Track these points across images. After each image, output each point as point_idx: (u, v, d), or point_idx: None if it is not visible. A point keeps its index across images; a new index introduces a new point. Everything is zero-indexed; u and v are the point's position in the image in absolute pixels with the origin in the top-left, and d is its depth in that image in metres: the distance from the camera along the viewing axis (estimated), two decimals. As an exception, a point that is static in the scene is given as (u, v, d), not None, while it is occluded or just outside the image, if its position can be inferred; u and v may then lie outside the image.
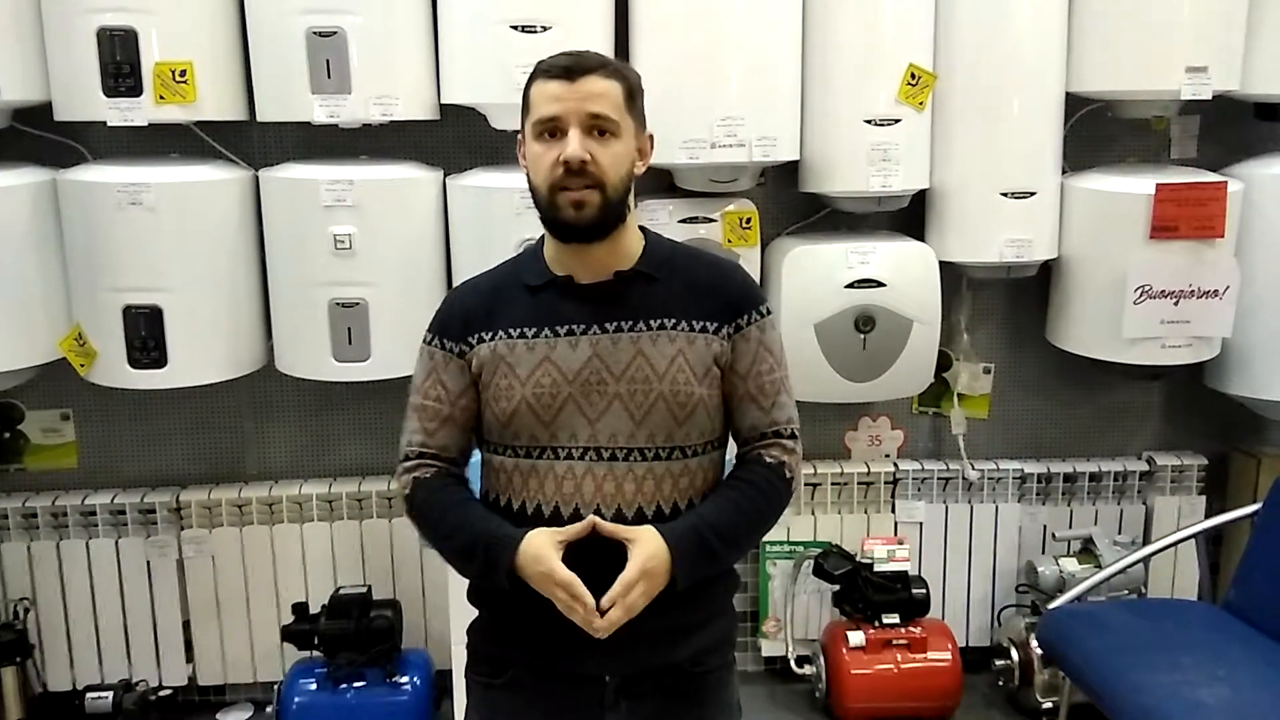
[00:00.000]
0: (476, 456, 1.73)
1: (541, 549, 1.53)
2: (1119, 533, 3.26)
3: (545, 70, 1.58)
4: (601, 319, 1.60)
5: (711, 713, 1.72)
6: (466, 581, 1.72)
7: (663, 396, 1.59)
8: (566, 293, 1.62)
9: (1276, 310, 2.94)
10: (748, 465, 1.67)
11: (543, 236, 1.67)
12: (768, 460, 1.66)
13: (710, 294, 1.64)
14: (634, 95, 1.61)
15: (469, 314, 1.66)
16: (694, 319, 1.62)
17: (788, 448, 1.68)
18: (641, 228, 1.70)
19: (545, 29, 2.60)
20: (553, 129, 1.55)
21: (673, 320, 1.61)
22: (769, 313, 1.68)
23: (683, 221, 2.86)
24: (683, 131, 2.67)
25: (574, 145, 1.53)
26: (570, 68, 1.55)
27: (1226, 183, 2.86)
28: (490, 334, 1.63)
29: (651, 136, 1.66)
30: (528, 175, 1.61)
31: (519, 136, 1.63)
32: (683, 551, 1.55)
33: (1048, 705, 3.02)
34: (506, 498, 1.65)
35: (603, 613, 1.51)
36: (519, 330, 1.61)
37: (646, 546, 1.53)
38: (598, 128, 1.55)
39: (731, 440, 1.72)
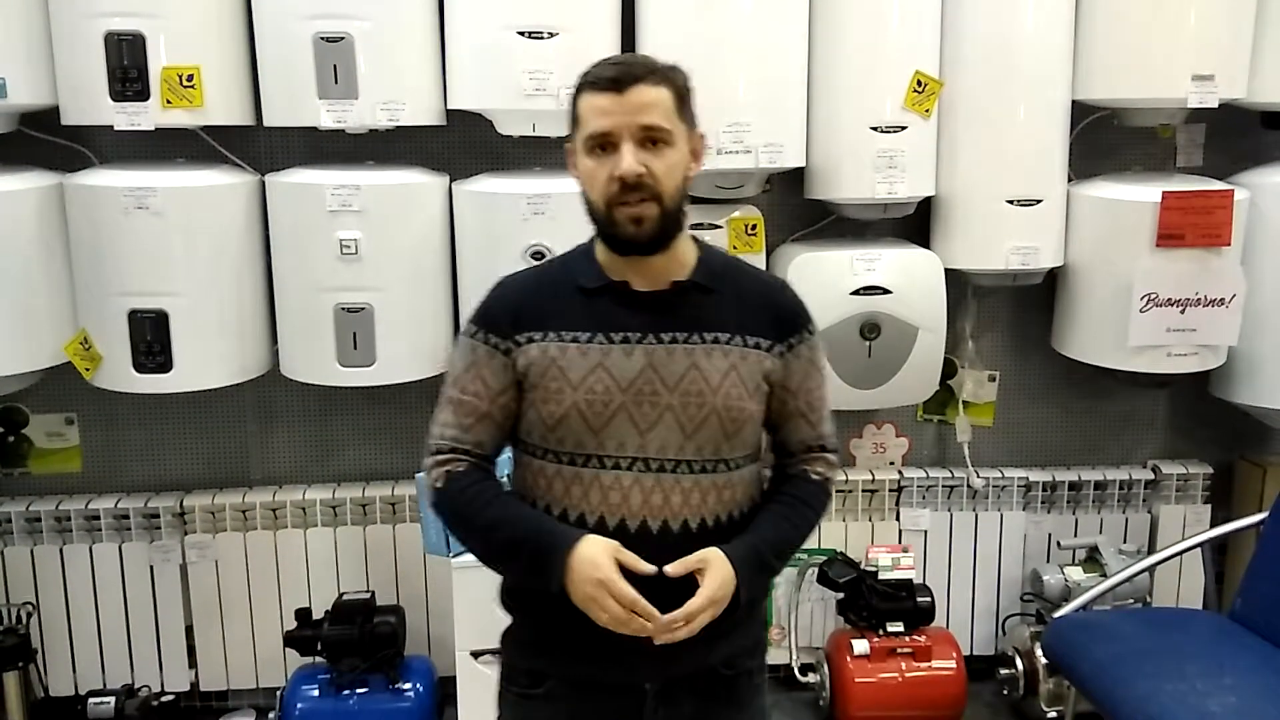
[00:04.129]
0: (505, 453, 1.71)
1: (600, 555, 1.50)
2: (1124, 541, 3.25)
3: (592, 82, 1.55)
4: (657, 329, 1.58)
5: (746, 715, 1.72)
6: (473, 588, 1.71)
7: (716, 411, 1.58)
8: (622, 299, 1.60)
9: (1283, 319, 2.93)
10: (797, 481, 1.70)
11: (593, 236, 1.64)
12: (814, 476, 1.70)
13: (763, 310, 1.64)
14: (684, 98, 1.58)
15: (519, 310, 1.62)
16: (747, 334, 1.61)
17: (831, 462, 1.72)
18: (694, 237, 1.68)
19: (552, 35, 2.60)
20: (604, 143, 1.53)
21: (727, 334, 1.60)
22: (815, 332, 1.70)
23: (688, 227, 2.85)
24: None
25: (628, 160, 1.50)
26: (617, 79, 1.52)
27: (1233, 191, 2.86)
28: (541, 333, 1.59)
29: (703, 136, 1.63)
30: (582, 189, 1.59)
31: (567, 147, 1.61)
32: (747, 573, 1.55)
33: (1052, 715, 3.00)
34: (545, 503, 1.61)
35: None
36: (572, 333, 1.58)
37: (718, 574, 1.52)
38: (650, 138, 1.52)
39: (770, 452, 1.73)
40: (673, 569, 1.51)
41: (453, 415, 1.63)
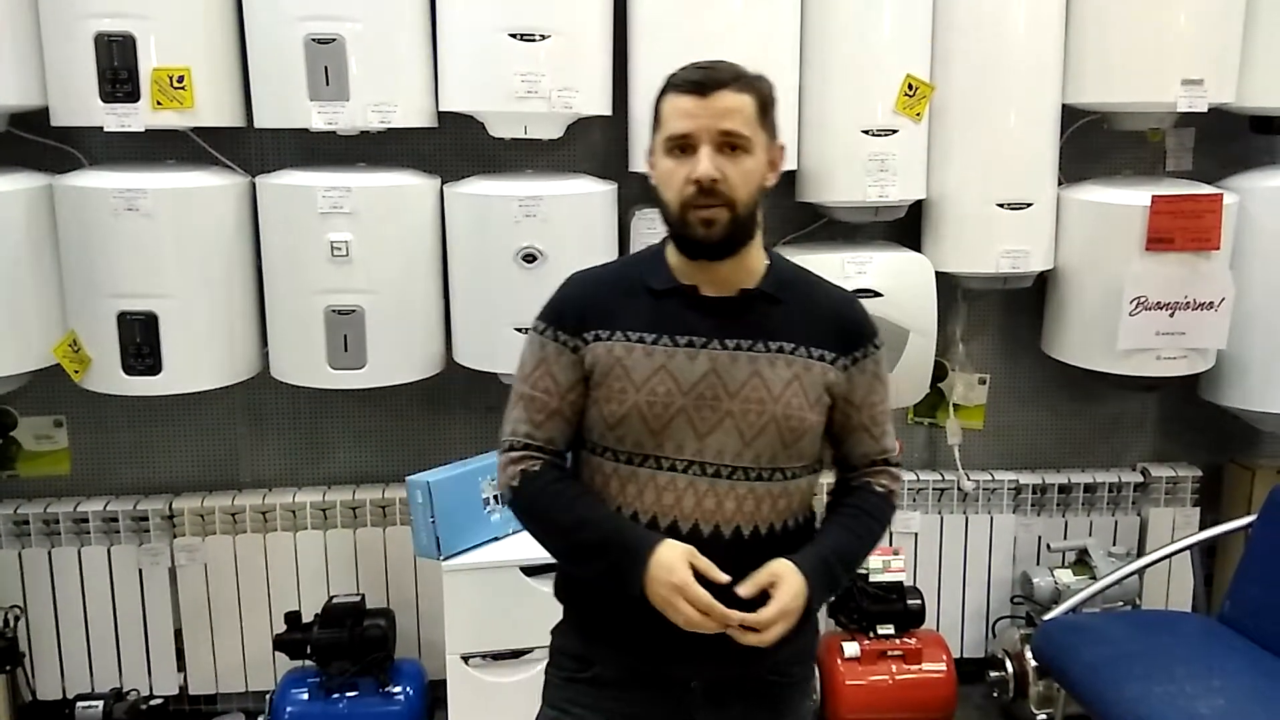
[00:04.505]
0: None
1: (676, 561, 1.51)
2: (1114, 544, 3.26)
3: (677, 85, 1.56)
4: (723, 334, 1.59)
5: None
6: (464, 591, 1.72)
7: (775, 419, 1.59)
8: (690, 303, 1.61)
9: (1271, 322, 2.95)
10: (861, 493, 1.70)
11: (665, 239, 1.66)
12: (878, 489, 1.70)
13: (829, 323, 1.65)
14: (767, 108, 1.59)
15: (587, 308, 1.63)
16: (812, 345, 1.62)
17: (895, 475, 1.73)
18: (765, 247, 1.68)
19: (544, 37, 2.60)
20: (683, 145, 1.54)
21: (792, 344, 1.61)
22: (881, 346, 1.70)
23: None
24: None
25: (705, 164, 1.51)
26: (702, 83, 1.53)
27: (1222, 195, 2.87)
28: (608, 333, 1.61)
29: (783, 147, 1.64)
30: (656, 189, 1.59)
31: (649, 146, 1.62)
32: (816, 584, 1.56)
33: (1042, 717, 3.01)
34: (602, 500, 1.64)
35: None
36: (638, 334, 1.60)
37: (790, 587, 1.53)
38: (729, 144, 1.53)
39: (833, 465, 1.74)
40: (745, 590, 1.52)
41: (524, 412, 1.65)
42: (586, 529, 1.60)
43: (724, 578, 1.51)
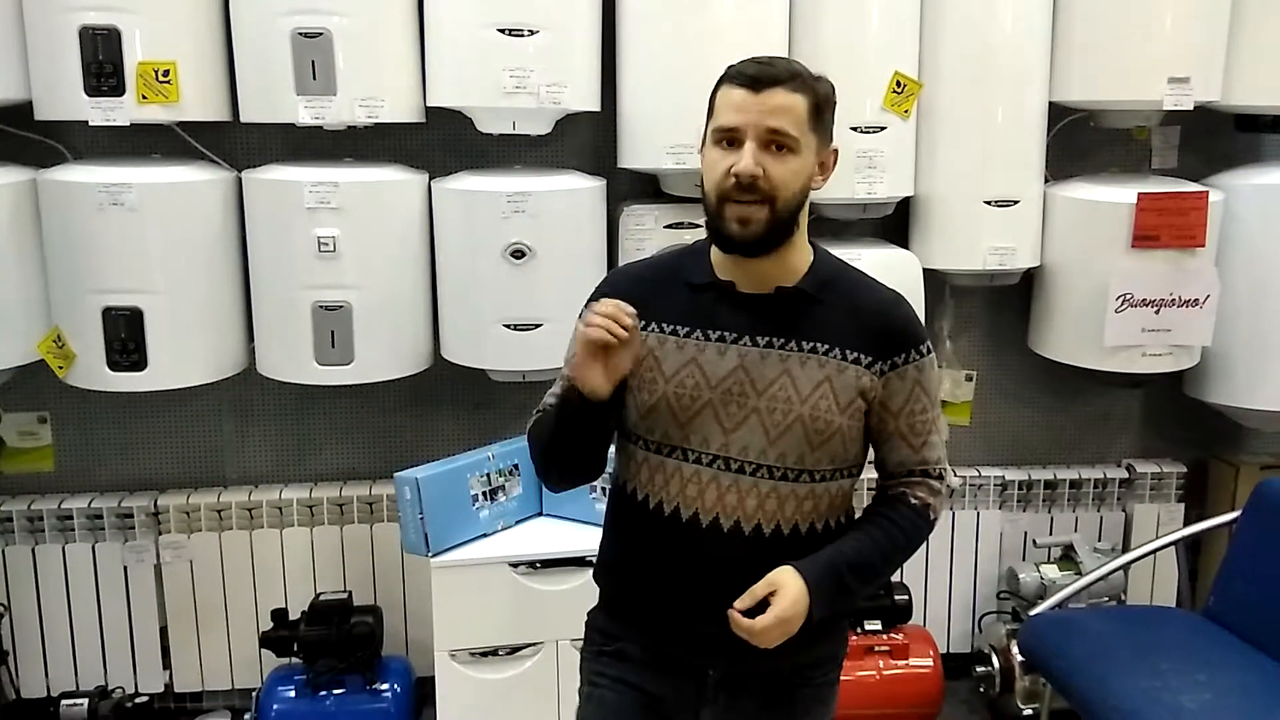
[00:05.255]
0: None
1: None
2: (1099, 540, 3.28)
3: (732, 76, 1.55)
4: (755, 331, 1.59)
5: None
6: (452, 588, 1.72)
7: (801, 420, 1.57)
8: (725, 298, 1.61)
9: (1256, 319, 2.97)
10: (892, 503, 1.67)
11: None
12: (912, 500, 1.66)
13: (870, 325, 1.61)
14: (821, 110, 1.56)
15: (629, 297, 1.61)
16: (848, 348, 1.59)
17: (934, 488, 1.67)
18: (813, 244, 1.67)
19: (532, 33, 2.59)
20: (730, 138, 1.53)
21: (825, 346, 1.59)
22: (929, 352, 1.65)
23: (668, 227, 2.85)
24: (669, 136, 2.68)
25: (746, 159, 1.50)
26: (757, 78, 1.52)
27: (1207, 193, 2.89)
28: (645, 323, 1.62)
29: (836, 151, 1.62)
30: (700, 179, 1.59)
31: (701, 133, 1.61)
32: (821, 591, 1.54)
33: (1028, 712, 3.02)
34: (633, 487, 1.67)
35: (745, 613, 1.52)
36: (672, 326, 1.62)
37: (788, 594, 1.52)
38: (775, 142, 1.51)
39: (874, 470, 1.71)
40: (742, 603, 1.52)
41: (557, 387, 1.70)
42: (552, 410, 1.67)
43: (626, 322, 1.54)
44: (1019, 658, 2.98)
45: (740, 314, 1.60)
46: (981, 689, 3.16)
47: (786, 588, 1.52)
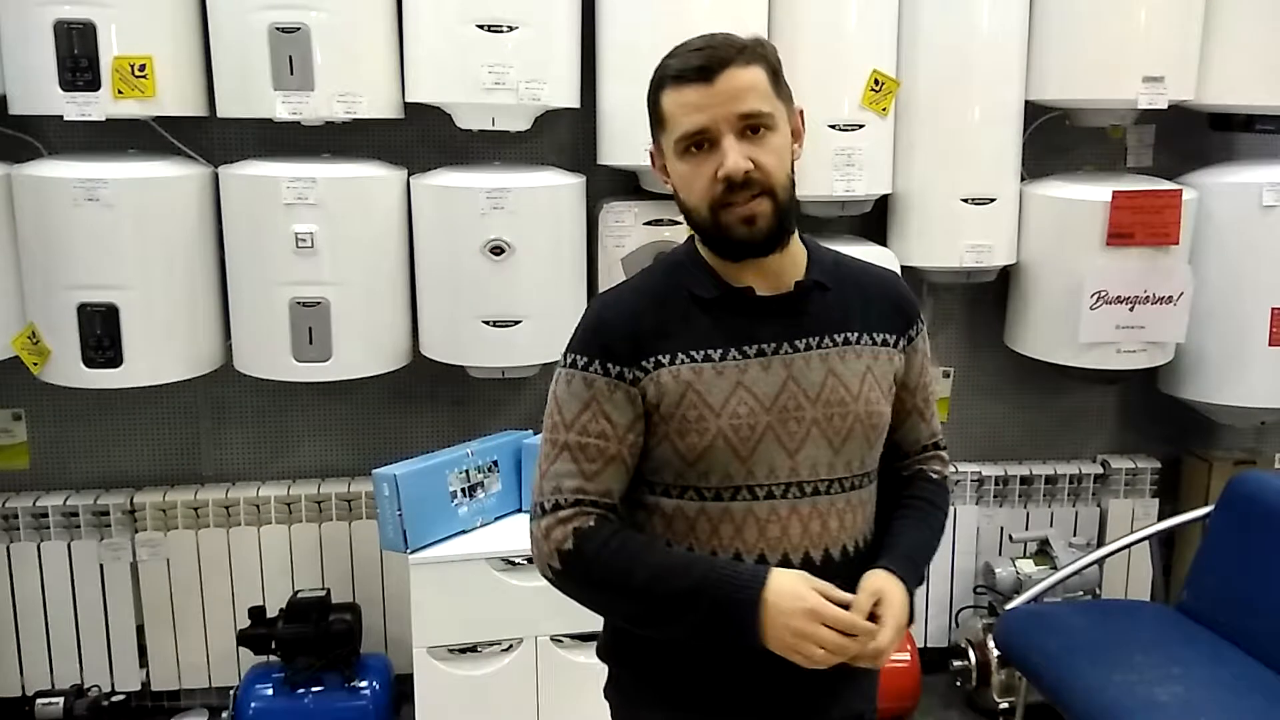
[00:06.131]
0: None
1: (800, 586, 1.31)
2: (1074, 534, 3.30)
3: (676, 75, 1.37)
4: (790, 335, 1.42)
5: None
6: (430, 585, 1.65)
7: (859, 419, 1.44)
8: (747, 307, 1.43)
9: (1229, 316, 3.00)
10: (919, 483, 1.57)
11: (690, 239, 1.48)
12: (933, 475, 1.58)
13: (882, 304, 1.50)
14: (778, 73, 1.41)
15: (636, 333, 1.41)
16: (874, 331, 1.48)
17: (944, 459, 1.61)
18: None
19: (512, 29, 2.59)
20: (700, 141, 1.36)
21: (855, 334, 1.46)
22: (925, 321, 1.57)
23: (648, 224, 2.86)
24: (648, 134, 2.66)
25: (733, 157, 1.33)
26: (705, 66, 1.35)
27: (1181, 191, 2.92)
28: (669, 356, 1.40)
29: (801, 111, 1.45)
30: (676, 194, 1.43)
31: (650, 151, 1.46)
32: (910, 585, 1.41)
33: (1005, 705, 3.04)
34: (688, 547, 1.42)
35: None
36: (703, 352, 1.40)
37: (894, 598, 1.36)
38: (751, 126, 1.35)
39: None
40: (860, 618, 1.34)
41: (573, 464, 1.40)
42: (672, 577, 1.35)
43: (848, 597, 1.33)
44: (995, 652, 3.00)
45: (769, 320, 1.43)
46: (958, 683, 3.18)
47: (890, 593, 1.36)
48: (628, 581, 1.36)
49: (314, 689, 2.83)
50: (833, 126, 2.81)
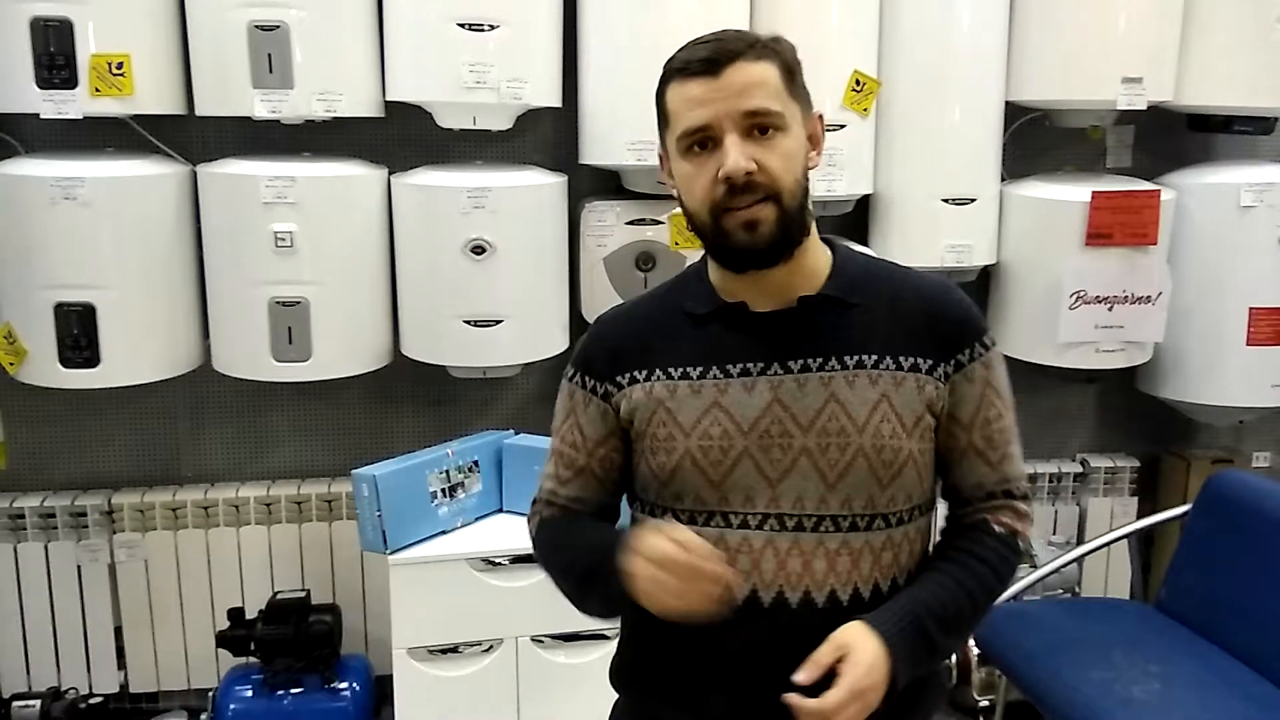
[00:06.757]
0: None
1: (656, 538, 1.23)
2: (1054, 533, 3.32)
3: (680, 68, 1.30)
4: (784, 356, 1.32)
5: None
6: (410, 586, 1.64)
7: (863, 452, 1.29)
8: (738, 323, 1.34)
9: (1207, 316, 3.02)
10: (972, 534, 1.38)
11: (705, 253, 1.40)
12: (996, 529, 1.37)
13: (921, 322, 1.34)
14: (793, 73, 1.31)
15: (618, 348, 1.39)
16: (901, 354, 1.32)
17: (1020, 511, 1.39)
18: (827, 239, 1.40)
19: (493, 27, 2.58)
20: (703, 139, 1.28)
21: (873, 356, 1.31)
22: (994, 343, 1.38)
23: (630, 223, 2.85)
24: (630, 133, 2.68)
25: (734, 156, 1.25)
26: (712, 58, 1.27)
27: (1160, 191, 2.93)
28: (645, 373, 1.36)
29: (821, 117, 1.35)
30: (679, 197, 1.34)
31: (659, 153, 1.38)
32: (903, 651, 1.25)
33: (985, 703, 3.06)
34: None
35: (802, 690, 1.20)
36: (681, 369, 1.34)
37: (861, 657, 1.21)
38: (758, 125, 1.27)
39: (942, 499, 1.44)
40: (804, 675, 1.21)
41: (552, 467, 1.46)
42: (583, 558, 1.36)
43: (705, 547, 1.22)
44: (975, 650, 3.01)
45: (761, 338, 1.33)
46: (939, 682, 3.18)
47: (857, 650, 1.22)
48: (562, 566, 1.43)
49: (293, 690, 2.82)
50: (814, 126, 2.82)
